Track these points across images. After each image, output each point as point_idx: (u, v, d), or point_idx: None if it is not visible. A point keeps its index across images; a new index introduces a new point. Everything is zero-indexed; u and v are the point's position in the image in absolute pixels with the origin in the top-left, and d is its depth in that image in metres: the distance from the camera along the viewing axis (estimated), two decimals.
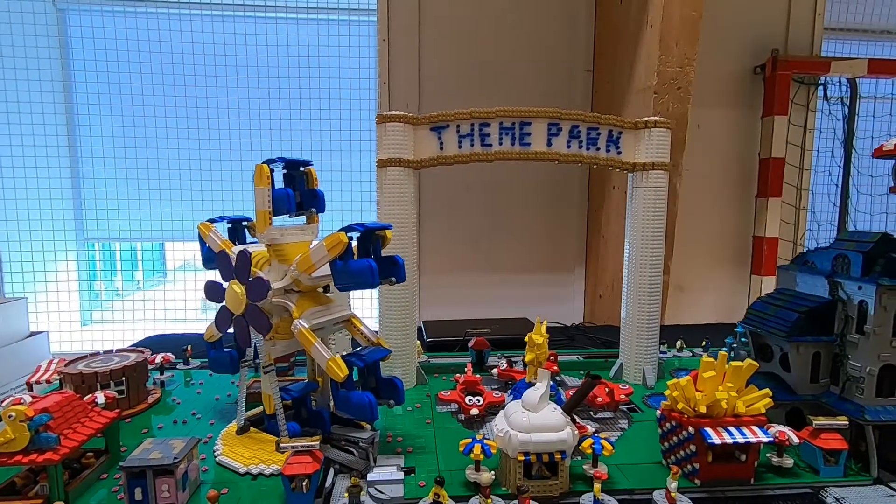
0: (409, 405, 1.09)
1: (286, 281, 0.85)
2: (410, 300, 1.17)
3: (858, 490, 0.79)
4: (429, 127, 1.12)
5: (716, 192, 2.64)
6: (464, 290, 2.53)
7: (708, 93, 2.55)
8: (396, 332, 1.16)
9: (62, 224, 2.34)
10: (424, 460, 0.86)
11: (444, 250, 2.49)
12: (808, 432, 0.83)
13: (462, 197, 2.42)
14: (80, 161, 2.30)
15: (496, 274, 2.54)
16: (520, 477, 0.75)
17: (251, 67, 2.29)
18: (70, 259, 2.37)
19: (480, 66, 2.34)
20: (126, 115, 2.26)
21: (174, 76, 2.25)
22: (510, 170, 2.38)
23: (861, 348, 0.83)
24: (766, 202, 2.58)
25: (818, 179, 2.73)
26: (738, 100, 2.60)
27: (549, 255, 2.59)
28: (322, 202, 0.91)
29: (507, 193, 2.45)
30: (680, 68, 2.09)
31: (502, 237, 2.50)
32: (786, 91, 2.53)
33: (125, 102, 2.26)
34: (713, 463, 0.79)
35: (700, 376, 0.81)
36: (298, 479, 0.73)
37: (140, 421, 1.01)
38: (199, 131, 2.29)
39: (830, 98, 2.68)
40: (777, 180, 2.58)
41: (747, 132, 2.63)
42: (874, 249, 0.84)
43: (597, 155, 1.16)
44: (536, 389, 0.79)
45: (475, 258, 2.52)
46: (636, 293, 1.20)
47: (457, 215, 2.45)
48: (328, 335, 0.91)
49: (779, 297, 0.97)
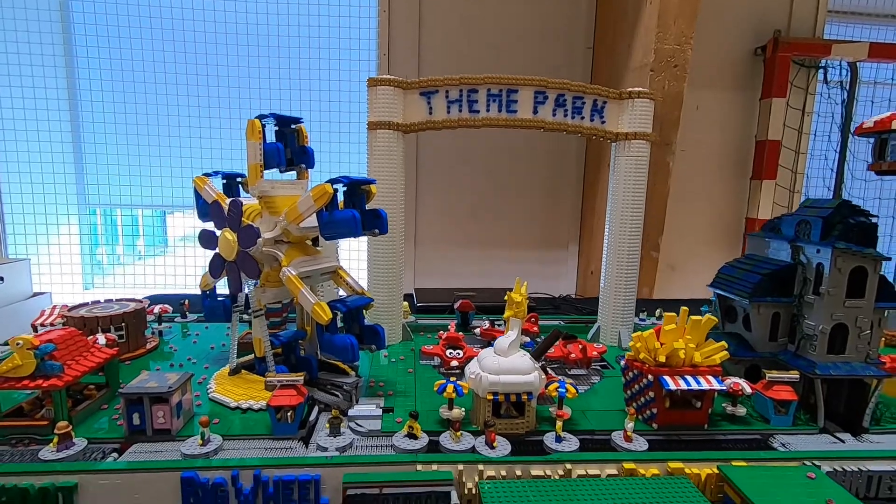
0: (393, 357, 1.15)
1: (276, 231, 0.90)
2: (397, 260, 1.22)
3: (804, 437, 0.85)
4: (418, 92, 1.16)
5: (711, 172, 2.66)
6: (460, 263, 2.58)
7: (707, 74, 2.56)
8: (383, 291, 1.21)
9: (64, 188, 2.38)
10: (403, 402, 0.92)
11: (441, 223, 2.53)
12: (762, 384, 0.89)
13: (460, 171, 2.46)
14: (81, 126, 2.33)
15: (492, 248, 2.59)
16: (488, 415, 0.81)
17: (253, 36, 2.31)
18: (72, 223, 2.42)
19: (481, 41, 2.35)
20: (127, 80, 2.29)
21: (174, 42, 2.26)
22: (508, 144, 2.42)
23: (816, 308, 0.89)
24: (760, 184, 2.60)
25: (814, 163, 2.75)
26: (738, 81, 2.60)
27: (545, 231, 2.63)
28: (311, 158, 0.95)
29: (505, 169, 2.48)
30: (677, 46, 2.10)
31: (499, 212, 2.53)
32: (785, 73, 2.53)
33: (126, 68, 2.28)
34: (670, 409, 0.85)
35: (662, 329, 0.86)
36: (284, 411, 0.79)
37: (139, 363, 1.08)
38: (198, 98, 2.32)
39: (830, 81, 2.68)
40: (772, 163, 2.60)
41: (745, 114, 2.64)
42: (833, 215, 0.88)
43: (581, 124, 1.20)
44: (507, 336, 0.85)
45: (472, 232, 2.57)
46: (615, 259, 1.25)
47: (455, 190, 2.49)
48: (316, 284, 0.96)
49: (746, 261, 1.02)
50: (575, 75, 2.45)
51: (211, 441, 0.75)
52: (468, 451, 0.76)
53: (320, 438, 0.78)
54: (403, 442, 0.77)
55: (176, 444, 0.75)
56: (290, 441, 0.79)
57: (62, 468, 0.69)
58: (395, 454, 0.75)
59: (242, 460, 0.72)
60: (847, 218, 0.87)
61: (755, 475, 0.72)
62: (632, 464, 0.74)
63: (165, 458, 0.73)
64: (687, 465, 0.75)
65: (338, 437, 0.78)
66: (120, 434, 0.79)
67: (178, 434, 0.79)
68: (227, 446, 0.77)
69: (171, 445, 0.76)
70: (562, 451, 0.77)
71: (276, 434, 0.79)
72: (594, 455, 0.76)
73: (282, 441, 0.79)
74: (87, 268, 2.50)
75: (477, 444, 0.77)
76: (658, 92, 2.16)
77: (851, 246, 0.85)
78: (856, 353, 0.88)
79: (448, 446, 0.77)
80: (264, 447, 0.77)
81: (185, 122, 2.33)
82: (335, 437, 0.78)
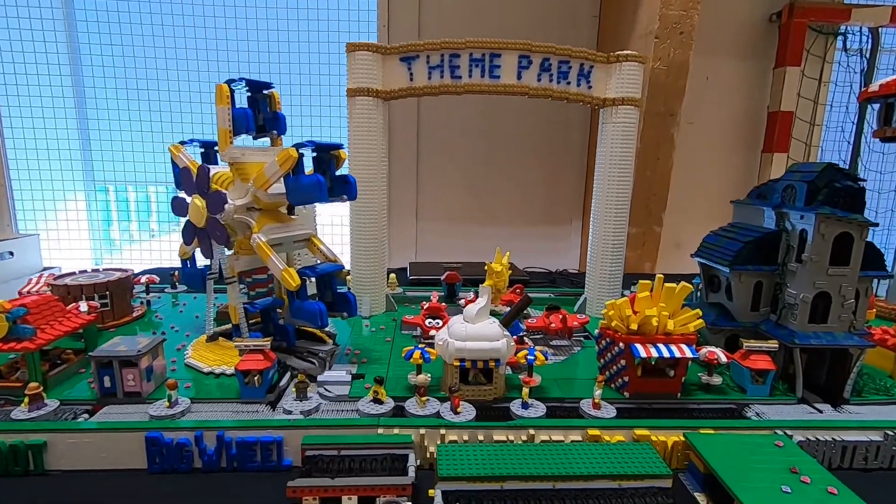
0: (374, 327, 1.15)
1: (247, 198, 0.89)
2: (379, 231, 1.21)
3: (781, 408, 0.84)
4: (398, 57, 1.13)
5: (720, 145, 2.58)
6: (461, 238, 2.56)
7: (718, 42, 2.46)
8: (365, 261, 1.21)
9: (70, 164, 2.40)
10: (375, 370, 0.92)
11: (441, 198, 2.51)
12: (739, 354, 0.87)
13: (462, 146, 2.42)
14: (85, 103, 2.34)
15: (495, 224, 2.56)
16: (455, 381, 0.81)
17: (252, 9, 2.27)
18: (80, 199, 2.45)
19: (483, 11, 2.28)
20: (128, 55, 2.27)
21: (173, 16, 2.24)
22: (510, 117, 2.36)
23: (799, 276, 0.86)
24: (772, 157, 2.52)
25: (829, 135, 2.65)
26: (751, 50, 2.50)
27: (549, 207, 2.59)
28: (283, 124, 0.94)
29: (508, 143, 2.43)
30: (683, 12, 2.02)
31: (502, 188, 2.50)
32: (801, 40, 2.42)
33: (128, 42, 2.26)
34: (643, 377, 0.84)
35: (636, 297, 0.84)
36: (251, 375, 0.80)
37: (123, 330, 1.09)
38: (201, 73, 2.29)
39: (849, 49, 2.56)
40: (784, 135, 2.52)
41: (758, 84, 2.54)
42: (818, 179, 0.84)
43: (567, 89, 1.16)
44: (477, 304, 0.84)
45: (473, 206, 2.54)
46: (601, 230, 1.23)
47: (455, 163, 2.45)
48: (289, 252, 0.96)
49: (730, 229, 0.99)
50: (580, 45, 2.37)
51: (179, 404, 0.76)
52: (433, 416, 0.76)
53: (287, 402, 0.78)
54: (368, 406, 0.77)
55: (146, 407, 0.77)
56: (258, 405, 0.80)
57: (32, 427, 0.71)
58: (358, 417, 0.75)
59: (205, 422, 0.73)
60: (833, 182, 0.83)
61: (721, 442, 0.70)
62: (596, 430, 0.74)
63: (134, 419, 0.74)
64: (653, 433, 0.74)
65: (304, 402, 0.78)
66: (93, 396, 0.80)
67: (148, 397, 0.80)
68: (197, 409, 0.78)
69: (140, 407, 0.77)
70: (527, 417, 0.77)
71: (245, 398, 0.80)
72: (558, 422, 0.76)
73: (250, 404, 0.79)
74: (96, 244, 2.54)
75: (442, 410, 0.77)
76: (663, 60, 2.09)
77: (836, 211, 0.81)
78: (839, 323, 0.86)
79: (413, 411, 0.77)
80: (232, 410, 0.78)
81: (192, 98, 2.31)
82: (301, 402, 0.78)
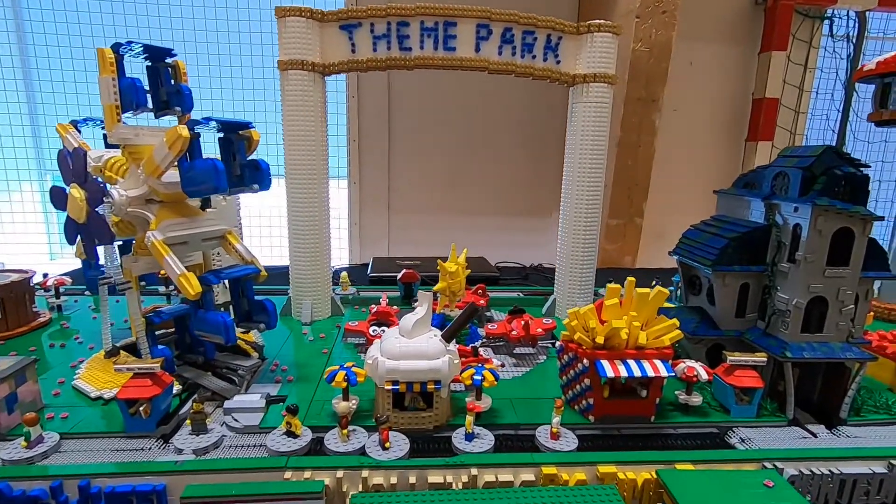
0: (314, 335, 1.01)
1: (143, 188, 0.74)
2: (320, 227, 1.07)
3: (769, 431, 0.72)
4: (338, 25, 0.98)
5: (703, 133, 2.48)
6: (437, 231, 2.42)
7: (703, 25, 2.34)
8: (305, 261, 1.07)
9: (25, 153, 2.20)
10: (302, 390, 0.79)
11: (416, 190, 2.37)
12: (722, 369, 0.75)
13: (436, 134, 2.27)
14: (36, 95, 2.13)
15: (473, 216, 2.43)
16: (388, 407, 0.68)
17: None
18: (34, 191, 2.25)
19: None
20: (74, 33, 2.06)
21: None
22: (486, 101, 2.21)
23: (791, 278, 0.74)
24: (756, 146, 2.42)
25: (814, 123, 2.56)
26: (736, 34, 2.39)
27: (527, 198, 2.46)
28: (188, 100, 0.78)
29: (485, 128, 2.28)
30: None
31: (479, 177, 2.36)
32: (787, 24, 2.31)
33: (74, 20, 2.05)
34: (611, 398, 0.72)
35: (603, 304, 0.72)
36: (137, 404, 0.65)
37: (16, 342, 0.94)
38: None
39: (835, 35, 2.47)
40: (769, 123, 2.42)
41: (743, 70, 2.43)
42: (815, 165, 0.72)
43: (532, 64, 1.02)
44: (415, 314, 0.70)
45: (450, 199, 2.40)
46: (572, 224, 1.10)
47: (431, 154, 2.30)
48: (205, 251, 0.81)
49: (713, 223, 0.87)
50: None
51: (43, 442, 0.62)
52: (356, 452, 0.63)
53: (179, 438, 0.64)
54: (279, 442, 0.64)
55: (4, 445, 0.62)
56: (148, 440, 0.66)
57: None
58: (262, 458, 0.62)
59: (67, 467, 0.58)
60: (832, 168, 0.71)
61: (699, 481, 0.59)
62: (553, 468, 0.61)
63: None
64: (620, 469, 0.62)
65: (201, 436, 0.64)
66: None
67: (9, 433, 0.65)
68: (67, 447, 0.64)
69: None
70: (471, 451, 0.64)
71: (130, 431, 0.66)
72: (507, 458, 0.63)
73: (136, 440, 0.65)
74: (52, 237, 2.34)
75: (369, 444, 0.64)
76: (644, 41, 1.96)
77: (836, 202, 0.69)
78: (836, 332, 0.74)
79: (332, 447, 0.63)
80: (113, 448, 0.64)
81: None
82: (197, 436, 0.64)
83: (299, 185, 1.03)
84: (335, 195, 2.40)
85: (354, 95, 2.25)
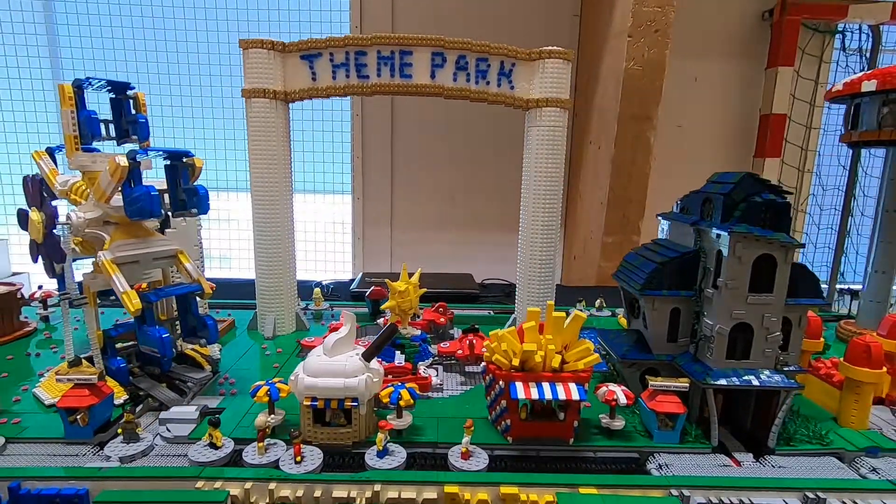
0: (272, 350, 1.06)
1: (97, 211, 0.80)
2: (284, 243, 1.11)
3: (691, 458, 0.72)
4: (299, 55, 1.03)
5: (709, 150, 2.45)
6: (438, 246, 2.46)
7: (709, 42, 2.33)
8: (268, 276, 1.11)
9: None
10: (242, 403, 0.82)
11: (417, 205, 2.41)
12: (646, 394, 0.75)
13: (436, 150, 2.32)
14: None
15: (472, 232, 2.45)
16: (309, 423, 0.71)
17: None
18: None
19: (463, 9, 2.18)
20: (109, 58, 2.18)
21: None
22: (487, 123, 2.25)
23: (715, 304, 0.74)
24: (764, 163, 2.38)
25: (828, 139, 2.49)
26: (742, 49, 2.36)
27: None
28: (143, 128, 0.84)
29: (484, 148, 2.32)
30: (658, 8, 1.90)
31: (479, 194, 2.39)
32: (794, 39, 2.28)
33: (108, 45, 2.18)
34: (528, 420, 0.73)
35: (523, 327, 0.73)
36: (76, 413, 0.70)
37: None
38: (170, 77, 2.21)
39: (848, 49, 2.42)
40: (777, 139, 2.38)
41: (749, 86, 2.40)
42: (735, 192, 0.72)
43: (486, 89, 1.05)
44: (338, 332, 0.73)
45: (450, 215, 2.44)
46: (529, 243, 1.11)
47: (431, 169, 2.35)
48: (150, 270, 0.87)
49: (652, 247, 0.87)
50: (560, 43, 2.25)
51: None
52: (270, 465, 0.66)
53: (111, 445, 0.69)
54: (200, 453, 0.67)
55: None
56: (85, 446, 0.70)
57: None
58: (180, 467, 0.66)
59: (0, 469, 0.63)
60: (752, 195, 0.71)
61: None
62: (454, 487, 0.63)
63: None
64: (523, 491, 0.63)
65: (131, 444, 0.69)
66: None
67: None
68: (12, 451, 0.69)
69: None
70: (380, 467, 0.66)
71: (69, 438, 0.71)
72: (412, 475, 0.65)
73: (74, 446, 0.70)
74: None
75: (284, 458, 0.67)
76: (637, 60, 1.97)
77: (753, 229, 0.69)
78: (762, 359, 0.73)
79: (248, 459, 0.67)
80: (51, 453, 0.69)
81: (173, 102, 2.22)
82: (128, 444, 0.69)
83: (264, 204, 1.08)
84: (341, 210, 2.47)
85: (359, 114, 2.32)
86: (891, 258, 1.13)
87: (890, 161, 1.12)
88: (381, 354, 0.98)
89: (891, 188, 1.11)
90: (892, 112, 1.05)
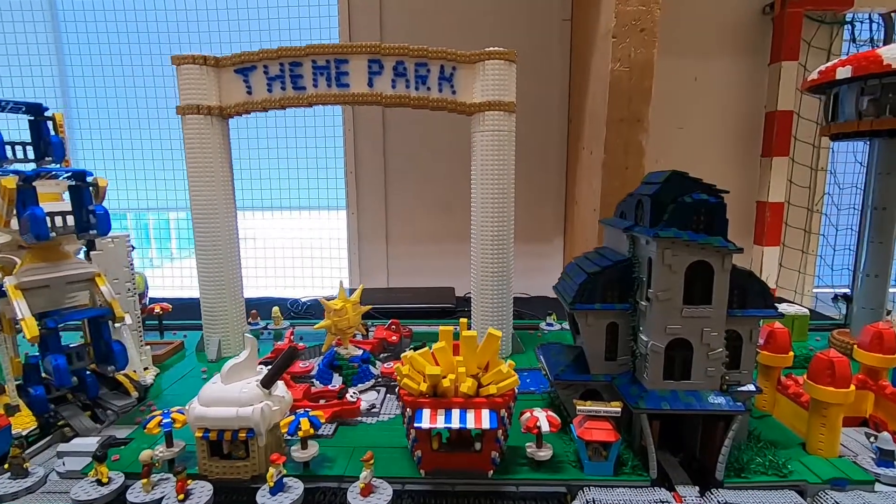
0: (211, 373, 1.01)
1: (7, 236, 0.78)
2: (227, 261, 1.08)
3: (625, 493, 0.63)
4: (233, 69, 1.01)
5: (713, 151, 2.35)
6: (436, 259, 2.41)
7: (707, 39, 2.25)
8: (213, 295, 1.08)
9: None
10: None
11: (413, 218, 2.37)
12: (577, 420, 0.68)
13: (431, 162, 2.28)
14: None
15: (469, 244, 2.39)
16: (204, 455, 0.66)
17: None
18: None
19: (455, 13, 2.14)
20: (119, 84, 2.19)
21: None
22: None
23: (648, 318, 0.66)
24: (771, 162, 2.26)
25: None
26: (744, 47, 2.27)
27: (527, 224, 2.40)
28: (57, 149, 0.83)
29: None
30: (642, 7, 1.83)
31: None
32: (797, 32, 2.17)
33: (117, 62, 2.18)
34: (441, 450, 0.66)
35: (436, 349, 0.67)
36: None
37: None
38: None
39: (858, 40, 2.29)
40: (784, 137, 2.26)
41: (753, 83, 2.30)
42: (662, 193, 0.65)
43: (427, 95, 1.01)
44: (236, 358, 0.69)
45: (448, 227, 2.39)
46: (481, 256, 1.05)
47: (427, 181, 2.31)
48: (66, 294, 0.84)
49: (591, 255, 0.80)
50: (551, 48, 2.20)
51: None
52: (154, 503, 0.61)
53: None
54: (84, 490, 0.63)
55: None
56: None
57: None
58: None
59: None
60: (680, 196, 0.64)
61: None
62: None
63: None
64: None
65: (18, 480, 0.65)
66: None
67: None
68: None
69: None
70: None
71: None
72: None
73: None
74: None
75: (169, 495, 0.62)
76: (623, 61, 1.90)
77: (682, 234, 0.62)
78: (704, 379, 0.65)
79: (133, 498, 0.62)
80: None
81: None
82: (15, 480, 0.65)
83: (204, 222, 1.05)
84: (335, 225, 2.43)
85: (350, 129, 2.31)
86: (883, 259, 1.02)
87: (876, 154, 1.02)
88: (320, 377, 0.94)
89: (879, 183, 1.01)
90: (872, 101, 0.95)
